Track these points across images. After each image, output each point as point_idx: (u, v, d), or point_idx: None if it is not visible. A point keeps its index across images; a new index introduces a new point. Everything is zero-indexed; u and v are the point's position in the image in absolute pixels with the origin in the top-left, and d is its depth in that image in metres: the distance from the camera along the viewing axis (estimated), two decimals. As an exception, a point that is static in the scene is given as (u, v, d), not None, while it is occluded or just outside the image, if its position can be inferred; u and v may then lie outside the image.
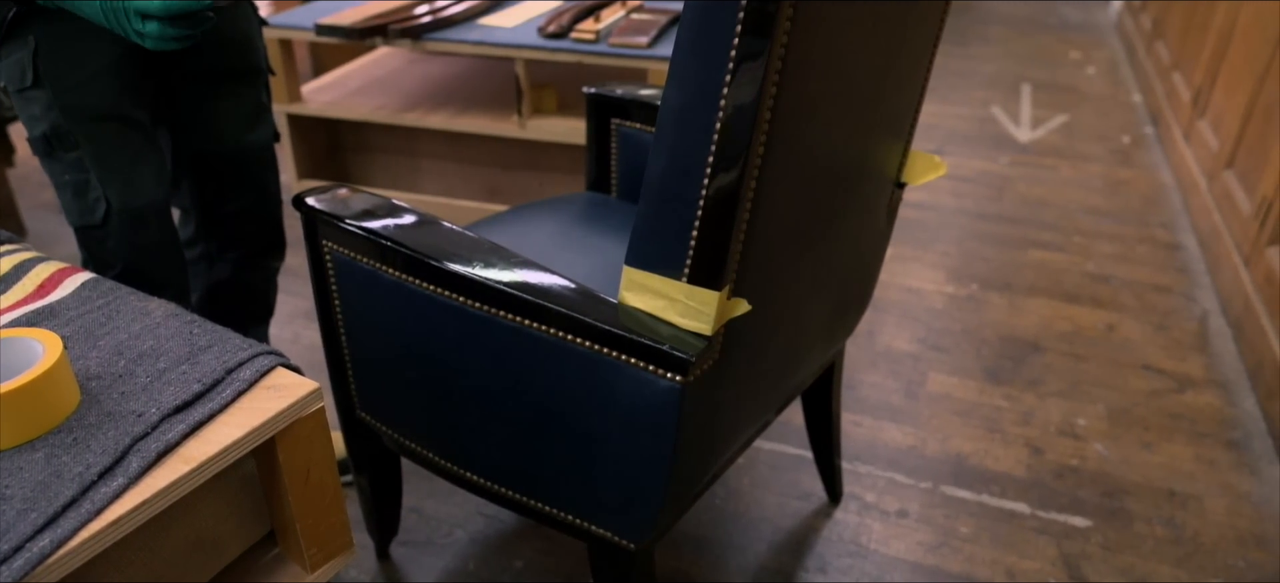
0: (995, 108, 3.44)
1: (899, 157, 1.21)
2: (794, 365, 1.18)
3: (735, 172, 0.82)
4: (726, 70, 0.79)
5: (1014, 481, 1.66)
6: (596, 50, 1.92)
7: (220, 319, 1.43)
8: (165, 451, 0.73)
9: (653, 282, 0.90)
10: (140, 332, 0.88)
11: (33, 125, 1.15)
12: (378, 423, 1.23)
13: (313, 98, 2.26)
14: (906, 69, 1.08)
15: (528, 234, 1.34)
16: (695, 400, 0.93)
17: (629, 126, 1.48)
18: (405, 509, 1.57)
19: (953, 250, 2.45)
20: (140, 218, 1.18)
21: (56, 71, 1.10)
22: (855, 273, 1.23)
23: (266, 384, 0.81)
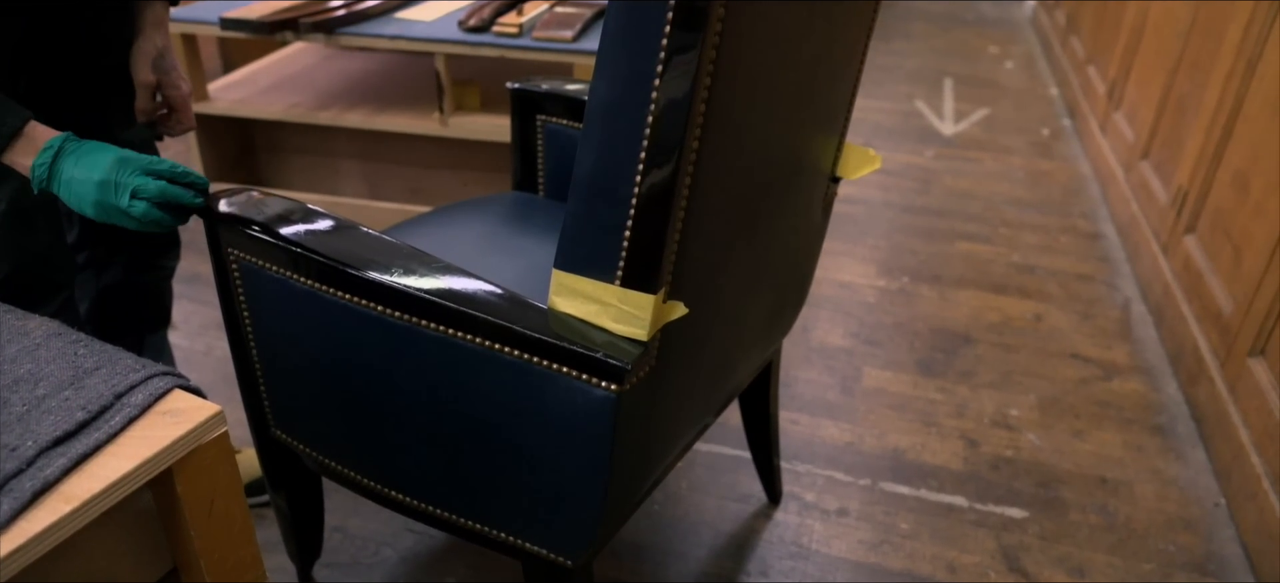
0: (919, 101, 3.48)
1: (834, 150, 1.18)
2: (732, 367, 1.15)
3: (669, 167, 0.78)
4: (657, 61, 0.74)
5: (951, 474, 1.66)
6: (520, 44, 1.86)
7: (114, 329, 1.33)
8: (42, 489, 0.65)
9: (584, 285, 0.85)
10: (17, 354, 0.79)
11: None
12: (294, 441, 1.15)
13: (220, 96, 2.15)
14: (840, 62, 1.05)
15: (452, 237, 1.28)
16: (632, 409, 0.88)
17: (555, 123, 1.43)
18: (328, 528, 1.49)
19: (883, 244, 2.46)
20: (27, 218, 1.09)
21: None
22: (793, 270, 1.20)
23: (162, 409, 0.74)
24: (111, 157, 0.93)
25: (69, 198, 0.93)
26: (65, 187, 0.93)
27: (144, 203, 0.93)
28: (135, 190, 0.92)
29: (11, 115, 0.93)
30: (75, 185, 0.92)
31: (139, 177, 0.93)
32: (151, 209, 0.93)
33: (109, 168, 0.92)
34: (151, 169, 0.94)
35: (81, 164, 0.92)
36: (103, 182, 0.91)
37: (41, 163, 0.93)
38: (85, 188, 0.92)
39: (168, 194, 0.94)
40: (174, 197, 0.95)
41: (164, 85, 1.21)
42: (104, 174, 0.91)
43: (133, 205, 0.92)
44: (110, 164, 0.92)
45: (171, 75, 1.21)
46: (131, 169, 0.93)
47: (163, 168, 0.96)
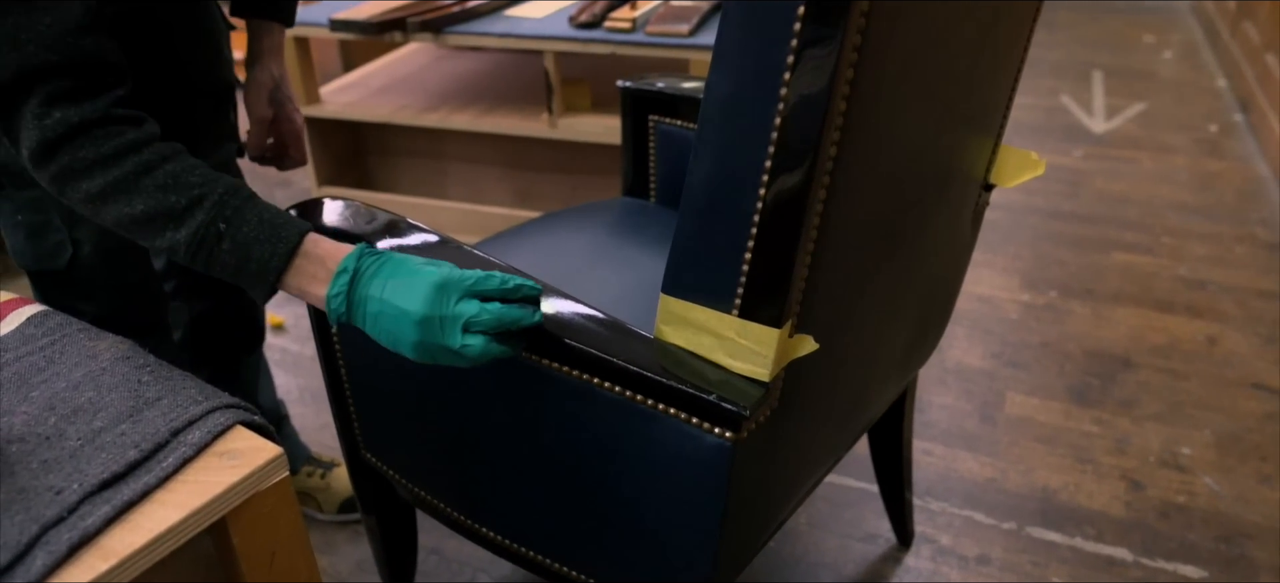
0: (1065, 96, 3.20)
1: (988, 154, 1.02)
2: (865, 403, 1.00)
3: (799, 175, 0.65)
4: (788, 51, 0.62)
5: (1111, 521, 1.45)
6: (633, 40, 1.75)
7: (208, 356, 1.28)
8: (81, 542, 0.58)
9: (696, 314, 0.73)
10: (81, 380, 0.73)
11: None
12: (384, 466, 1.08)
13: (332, 99, 2.13)
14: (1000, 53, 0.89)
15: (556, 247, 1.19)
16: (749, 458, 0.76)
17: (669, 124, 1.31)
18: (424, 550, 1.42)
19: (1026, 253, 2.24)
20: (116, 257, 1.02)
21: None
22: (937, 291, 1.05)
23: (220, 449, 0.66)
24: (428, 282, 0.72)
25: (378, 335, 0.75)
26: (373, 323, 0.74)
27: (480, 339, 0.72)
28: (467, 323, 0.72)
29: (288, 228, 0.77)
30: (386, 322, 0.74)
31: (468, 302, 0.72)
32: (490, 345, 0.73)
33: (429, 298, 0.72)
34: (478, 290, 0.73)
35: (391, 291, 0.73)
36: (424, 319, 0.72)
37: (336, 294, 0.75)
38: (401, 325, 0.73)
39: (505, 320, 0.73)
40: (512, 321, 0.74)
41: (278, 119, 1.15)
42: (424, 308, 0.71)
43: (467, 345, 0.72)
44: (429, 293, 0.72)
45: (287, 107, 1.15)
46: (456, 295, 0.72)
47: (491, 286, 0.74)
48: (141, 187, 0.75)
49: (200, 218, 0.75)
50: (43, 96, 0.74)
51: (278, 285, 0.78)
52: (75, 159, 0.75)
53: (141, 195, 0.75)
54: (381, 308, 0.74)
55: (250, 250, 0.76)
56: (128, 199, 0.76)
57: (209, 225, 0.76)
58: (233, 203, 0.77)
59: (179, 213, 0.76)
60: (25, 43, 0.73)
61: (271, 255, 0.76)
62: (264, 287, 0.77)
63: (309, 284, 0.77)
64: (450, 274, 0.73)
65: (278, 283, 0.77)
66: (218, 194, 0.76)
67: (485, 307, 0.73)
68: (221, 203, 0.76)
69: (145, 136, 0.77)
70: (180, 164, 0.77)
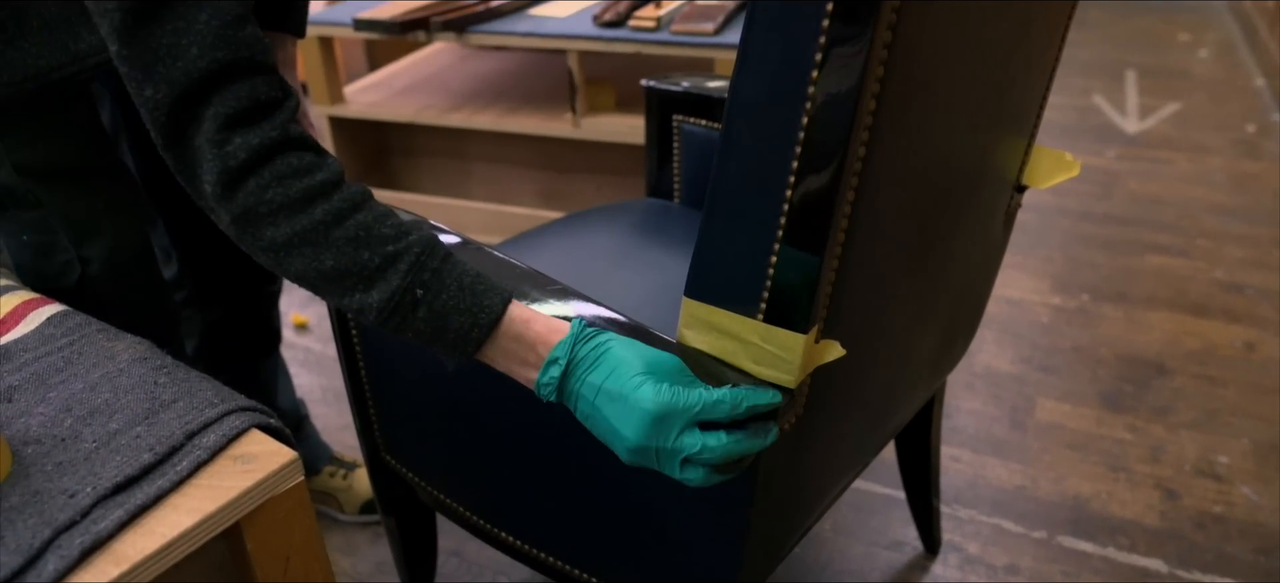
0: (1097, 96, 3.15)
1: (1021, 154, 0.99)
2: (893, 409, 0.98)
3: (827, 175, 0.63)
4: (815, 49, 0.60)
5: (1145, 531, 1.42)
6: (657, 39, 1.74)
7: (224, 362, 1.27)
8: (93, 546, 0.57)
9: (719, 319, 0.71)
10: (98, 381, 0.73)
11: None
12: (404, 469, 1.07)
13: (356, 99, 2.13)
14: (1036, 50, 0.87)
15: (579, 248, 1.17)
16: (773, 466, 0.74)
17: (693, 124, 1.30)
18: (444, 553, 1.41)
19: (1057, 256, 2.20)
20: (125, 275, 0.99)
21: (8, 121, 0.88)
22: (967, 294, 1.02)
23: (235, 453, 0.65)
24: (644, 413, 0.65)
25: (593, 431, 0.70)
26: (585, 421, 0.70)
27: (701, 472, 0.66)
28: (690, 457, 0.66)
29: (489, 296, 0.70)
30: (598, 428, 0.69)
31: (690, 436, 0.66)
32: (712, 476, 0.67)
33: (645, 430, 0.65)
34: (706, 417, 0.66)
35: (604, 403, 0.67)
36: (639, 449, 0.66)
37: (547, 384, 0.69)
38: (614, 442, 0.68)
39: (732, 453, 0.66)
40: (739, 454, 0.67)
41: None
42: (639, 439, 0.66)
43: (687, 474, 0.67)
44: (645, 426, 0.65)
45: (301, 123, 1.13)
46: (677, 427, 0.66)
47: (720, 414, 0.66)
48: (332, 239, 0.66)
49: (395, 282, 0.67)
50: (219, 121, 0.65)
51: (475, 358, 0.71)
52: (261, 200, 0.65)
53: (331, 250, 0.66)
54: (593, 414, 0.68)
55: (448, 319, 0.68)
56: (315, 252, 0.66)
57: (405, 291, 0.67)
58: (430, 265, 0.68)
59: (371, 273, 0.67)
60: (186, 47, 0.63)
61: (471, 326, 0.69)
62: (459, 359, 0.71)
63: (515, 366, 0.71)
64: (672, 403, 0.65)
65: (476, 355, 0.71)
66: (415, 255, 0.68)
67: (707, 442, 0.66)
68: (419, 265, 0.68)
69: (333, 177, 0.68)
70: (371, 214, 0.68)
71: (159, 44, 0.63)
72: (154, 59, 0.64)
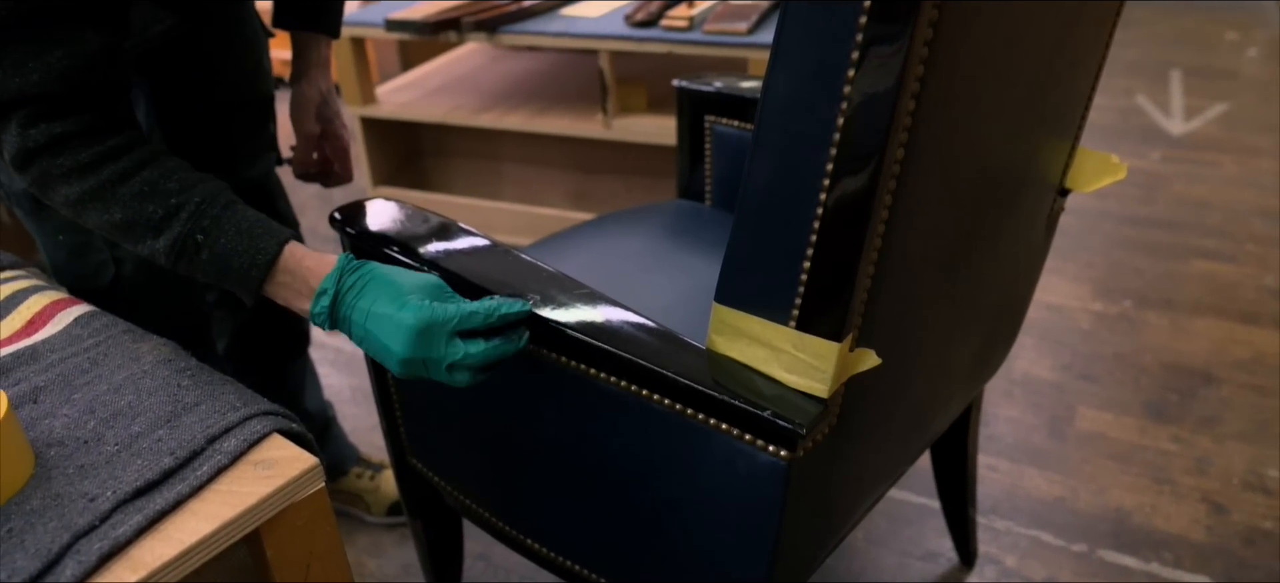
0: (1141, 96, 3.07)
1: (1065, 157, 0.96)
2: (929, 418, 0.95)
3: (863, 178, 0.60)
4: (852, 47, 0.57)
5: (1191, 546, 1.37)
6: (690, 39, 1.72)
7: (254, 363, 1.27)
8: (112, 552, 0.56)
9: (751, 325, 0.69)
10: (122, 383, 0.72)
11: (11, 179, 0.95)
12: (430, 472, 1.06)
13: (388, 99, 2.13)
14: (1081, 49, 0.83)
15: (609, 249, 1.15)
16: (805, 477, 0.72)
17: (725, 124, 1.27)
18: (471, 556, 1.40)
19: (1099, 260, 2.14)
20: (157, 276, 1.00)
21: None
22: (1008, 301, 0.99)
23: (255, 458, 0.64)
24: (408, 327, 0.71)
25: (367, 352, 0.77)
26: (360, 343, 0.75)
27: (467, 373, 0.73)
28: (453, 364, 0.72)
29: (265, 239, 0.77)
30: (370, 348, 0.74)
31: (452, 345, 0.72)
32: (476, 376, 0.74)
33: (410, 342, 0.71)
34: (464, 327, 0.72)
35: (373, 324, 0.73)
36: (407, 360, 0.72)
37: (319, 313, 0.75)
38: (386, 358, 0.73)
39: (490, 358, 0.73)
40: (498, 357, 0.74)
41: (326, 135, 1.12)
42: (406, 351, 0.71)
43: (454, 379, 0.73)
44: (410, 338, 0.71)
45: (334, 123, 1.12)
46: (441, 338, 0.72)
47: (475, 323, 0.73)
48: (118, 195, 0.74)
49: (177, 228, 0.75)
50: (31, 112, 0.72)
51: (261, 294, 0.78)
52: (53, 165, 0.74)
53: (119, 204, 0.75)
54: (365, 335, 0.74)
55: (229, 261, 0.76)
56: (105, 207, 0.75)
57: (187, 236, 0.75)
58: (210, 212, 0.76)
59: (156, 222, 0.75)
60: (31, 70, 0.70)
61: (250, 266, 0.76)
62: (247, 296, 0.78)
63: (293, 298, 0.77)
64: (433, 316, 0.71)
65: (261, 291, 0.77)
66: (195, 203, 0.75)
67: (469, 348, 0.72)
68: (199, 212, 0.75)
69: (125, 142, 0.76)
70: (157, 171, 0.76)
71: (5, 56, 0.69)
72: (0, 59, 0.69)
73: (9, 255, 0.93)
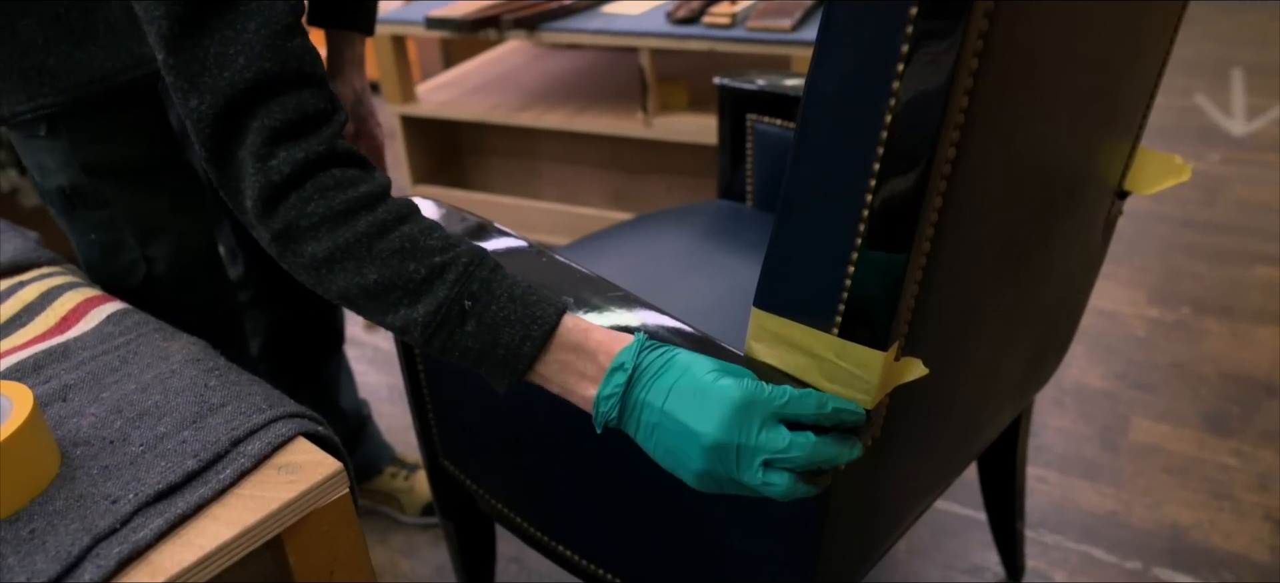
0: (1200, 96, 2.97)
1: (1124, 158, 0.91)
2: (977, 430, 0.91)
3: (911, 179, 0.57)
4: (901, 39, 0.54)
5: (1254, 566, 1.31)
6: (732, 36, 1.68)
7: (289, 362, 1.26)
8: (131, 556, 0.55)
9: (791, 332, 0.66)
10: (150, 382, 0.71)
11: (44, 177, 0.94)
12: (463, 476, 1.04)
13: (428, 97, 2.13)
14: (1144, 44, 0.79)
15: (648, 251, 1.13)
16: (847, 491, 0.68)
17: (767, 123, 1.24)
18: (505, 559, 1.38)
19: (1155, 265, 2.07)
20: (190, 275, 1.00)
21: (76, 122, 0.89)
22: (1062, 308, 0.95)
23: (279, 461, 0.63)
24: (727, 401, 0.59)
25: (653, 450, 0.63)
26: (648, 434, 0.63)
27: (785, 478, 0.59)
28: (771, 459, 0.59)
29: (542, 307, 0.65)
30: (666, 438, 0.62)
31: (774, 432, 0.60)
32: (797, 485, 0.60)
33: (727, 422, 0.59)
34: (789, 414, 0.60)
35: (676, 404, 0.61)
36: (718, 447, 0.59)
37: (609, 396, 0.63)
38: (687, 448, 0.61)
39: (819, 459, 0.60)
40: (827, 461, 0.60)
41: (360, 134, 1.11)
42: (720, 433, 0.59)
43: (768, 484, 0.60)
44: (728, 416, 0.59)
45: (369, 123, 1.10)
46: (760, 420, 0.60)
47: (806, 410, 0.61)
48: (375, 252, 0.63)
49: (442, 293, 0.63)
50: (264, 135, 0.62)
51: (527, 376, 0.66)
52: (302, 214, 0.62)
53: (375, 263, 0.63)
54: (662, 420, 0.61)
55: (499, 333, 0.63)
56: (358, 266, 0.63)
57: (452, 303, 0.63)
58: (479, 275, 0.64)
59: (417, 285, 0.63)
60: (234, 56, 0.61)
61: (523, 340, 0.64)
62: (510, 378, 0.65)
63: (573, 381, 0.65)
64: (755, 394, 0.60)
65: (528, 373, 0.65)
66: (463, 265, 0.64)
67: (795, 439, 0.59)
68: (467, 275, 0.64)
69: (378, 190, 0.65)
70: (417, 226, 0.65)
71: (206, 53, 0.61)
72: (200, 68, 0.61)
73: (47, 252, 0.93)
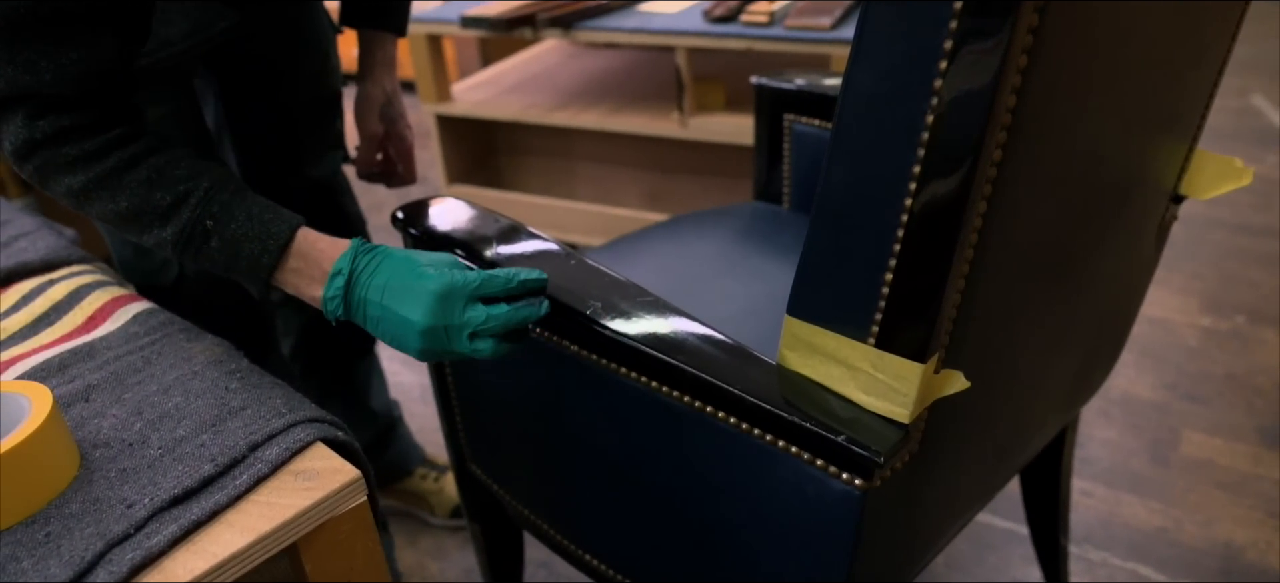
0: (1257, 97, 2.87)
1: (1180, 161, 0.87)
2: (1021, 443, 0.88)
3: (955, 181, 0.54)
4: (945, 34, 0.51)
5: (1314, 589, 1.25)
6: (770, 34, 1.65)
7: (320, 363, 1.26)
8: (143, 562, 0.54)
9: (826, 341, 0.64)
10: (172, 383, 0.70)
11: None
12: (490, 481, 1.03)
13: (463, 96, 2.12)
14: (1205, 41, 0.75)
15: (682, 253, 1.11)
16: (882, 508, 0.65)
17: (805, 124, 1.21)
18: (533, 564, 1.37)
19: (1208, 272, 2.00)
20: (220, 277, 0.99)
21: None
22: (1112, 317, 0.91)
23: (296, 467, 0.61)
24: (429, 292, 0.69)
25: (381, 336, 0.73)
26: (374, 325, 0.72)
27: (489, 342, 0.70)
28: (475, 330, 0.69)
29: (277, 224, 0.74)
30: (388, 326, 0.71)
31: (474, 308, 0.70)
32: (500, 346, 0.71)
33: (431, 308, 0.69)
34: (483, 292, 0.70)
35: (391, 297, 0.70)
36: (429, 329, 0.69)
37: (332, 297, 0.72)
38: (405, 332, 0.70)
39: (512, 322, 0.70)
40: (520, 322, 0.71)
41: (390, 136, 1.09)
42: (427, 318, 0.69)
43: (476, 349, 0.70)
44: (432, 304, 0.69)
45: (398, 124, 1.10)
46: (461, 302, 0.69)
47: (495, 287, 0.71)
48: (124, 183, 0.71)
49: (186, 214, 0.72)
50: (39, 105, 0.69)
51: (270, 283, 0.75)
52: (57, 155, 0.70)
53: (125, 192, 0.71)
54: (382, 313, 0.71)
55: (239, 248, 0.73)
56: (111, 196, 0.71)
57: (195, 223, 0.72)
58: (220, 198, 0.73)
59: (164, 210, 0.72)
60: (43, 69, 0.67)
61: (261, 252, 0.73)
62: (257, 284, 0.75)
63: (304, 284, 0.74)
64: (453, 281, 0.69)
65: (270, 280, 0.75)
66: (204, 189, 0.72)
67: (491, 312, 0.70)
68: (208, 198, 0.72)
69: (131, 131, 0.72)
70: (165, 157, 0.73)
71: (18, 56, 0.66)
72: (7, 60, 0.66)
73: (79, 251, 0.93)
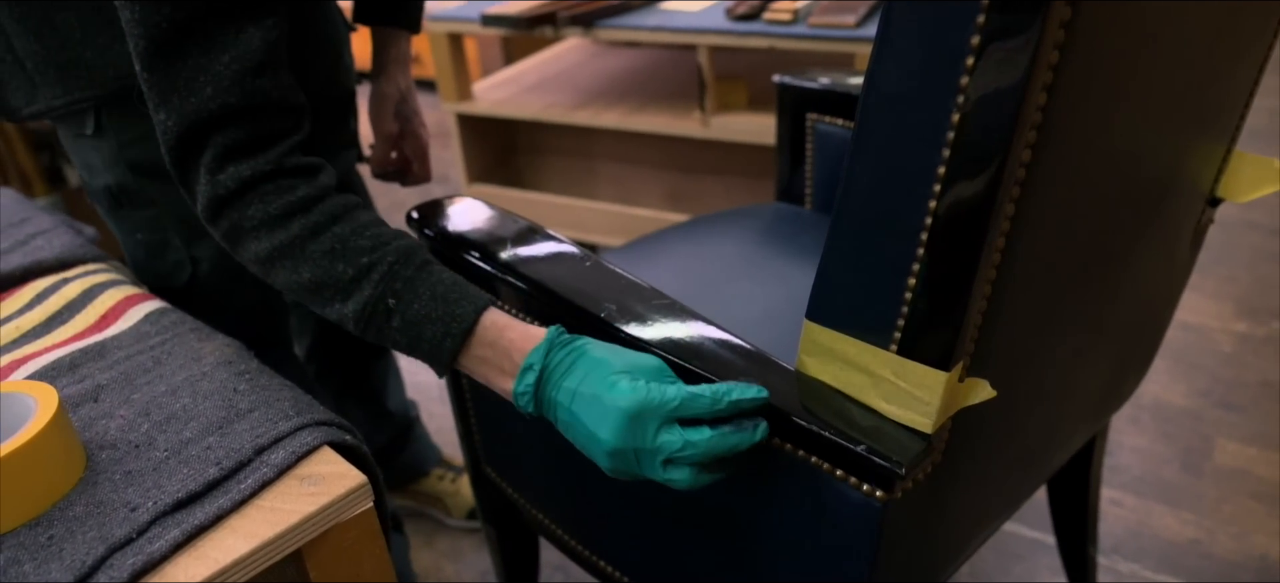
0: (1293, 99, 2.81)
1: (1218, 162, 0.84)
2: (1049, 453, 0.85)
3: (982, 183, 0.52)
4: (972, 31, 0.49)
5: (1353, 605, 1.21)
6: (794, 33, 1.63)
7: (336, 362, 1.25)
8: (145, 568, 0.53)
9: (846, 347, 0.61)
10: (181, 384, 0.70)
11: (92, 176, 0.94)
12: (504, 484, 1.02)
13: (484, 95, 2.11)
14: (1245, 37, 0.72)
15: (702, 254, 1.09)
16: (903, 520, 0.63)
17: (828, 123, 1.19)
18: (550, 567, 1.36)
19: (1243, 276, 1.95)
20: (235, 275, 0.96)
21: (122, 121, 0.89)
22: (1145, 324, 0.88)
23: (302, 472, 0.60)
24: (619, 411, 0.61)
25: (571, 441, 0.66)
26: (565, 430, 0.66)
27: (687, 472, 0.61)
28: (671, 456, 0.61)
29: (462, 306, 0.68)
30: (577, 436, 0.64)
31: (670, 432, 0.61)
32: (699, 475, 0.62)
33: (620, 429, 0.61)
34: (683, 413, 0.61)
35: (580, 406, 0.63)
36: (617, 452, 0.62)
37: (523, 393, 0.66)
38: (593, 448, 0.63)
39: (716, 451, 0.61)
40: (725, 450, 0.61)
41: (404, 135, 1.08)
42: (616, 440, 0.61)
43: (670, 477, 0.62)
44: (621, 424, 0.61)
45: (413, 122, 1.08)
46: (654, 425, 0.61)
47: (699, 408, 0.61)
48: (308, 253, 0.68)
49: (367, 292, 0.68)
50: (218, 150, 0.67)
51: (455, 368, 0.70)
52: (243, 217, 0.68)
53: (308, 262, 0.68)
54: (572, 419, 0.64)
55: (421, 330, 0.68)
56: (294, 265, 0.69)
57: (377, 301, 0.68)
58: (403, 274, 0.68)
59: (345, 284, 0.68)
60: (202, 85, 0.65)
61: (443, 336, 0.68)
62: (438, 369, 0.70)
63: (493, 375, 0.68)
64: (647, 398, 0.61)
65: (453, 365, 0.69)
66: (387, 264, 0.68)
67: (690, 437, 0.60)
68: (391, 275, 0.68)
69: (317, 192, 0.69)
70: (349, 226, 0.69)
71: (177, 76, 0.66)
72: (170, 88, 0.66)
73: (94, 249, 0.93)
